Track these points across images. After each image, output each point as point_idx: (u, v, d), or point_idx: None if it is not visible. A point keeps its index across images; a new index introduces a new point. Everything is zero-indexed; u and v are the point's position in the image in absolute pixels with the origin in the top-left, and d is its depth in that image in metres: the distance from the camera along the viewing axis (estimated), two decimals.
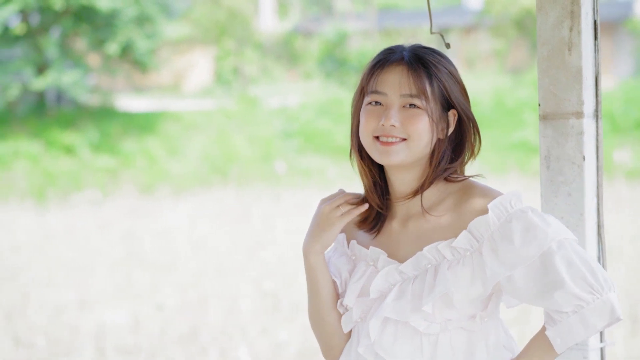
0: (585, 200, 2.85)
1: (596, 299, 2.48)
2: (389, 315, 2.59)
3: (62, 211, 19.44)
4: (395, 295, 2.61)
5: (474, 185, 2.66)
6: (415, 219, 2.68)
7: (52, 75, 24.70)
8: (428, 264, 2.59)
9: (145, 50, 26.12)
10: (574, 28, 2.83)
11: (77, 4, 24.74)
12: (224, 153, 24.37)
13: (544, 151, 2.88)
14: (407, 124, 2.60)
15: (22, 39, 25.43)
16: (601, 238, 2.87)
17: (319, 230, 2.70)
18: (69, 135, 24.36)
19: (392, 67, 2.64)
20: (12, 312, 10.94)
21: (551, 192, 2.89)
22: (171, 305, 11.15)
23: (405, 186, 2.69)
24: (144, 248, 14.84)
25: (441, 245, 2.58)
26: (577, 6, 2.81)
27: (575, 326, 2.49)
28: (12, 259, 14.23)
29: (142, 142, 24.69)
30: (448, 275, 2.55)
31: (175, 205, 19.69)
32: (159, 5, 26.44)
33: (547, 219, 2.54)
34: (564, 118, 2.85)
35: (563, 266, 2.49)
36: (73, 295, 11.78)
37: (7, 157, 23.08)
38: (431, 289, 2.56)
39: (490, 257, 2.52)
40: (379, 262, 2.68)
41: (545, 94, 2.89)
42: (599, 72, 2.88)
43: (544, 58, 2.89)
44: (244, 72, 33.96)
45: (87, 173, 22.88)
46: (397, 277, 2.64)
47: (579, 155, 2.84)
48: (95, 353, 9.39)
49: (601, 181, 2.87)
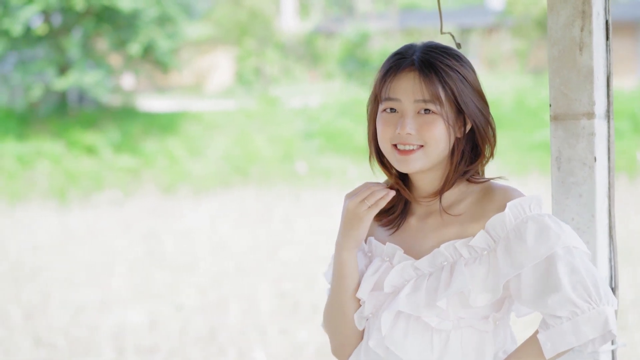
0: (597, 202, 2.83)
1: (592, 308, 2.46)
2: (402, 309, 2.59)
3: (83, 211, 19.51)
4: (410, 290, 2.61)
5: (495, 186, 2.65)
6: (434, 217, 2.69)
7: (74, 75, 24.79)
8: (444, 262, 2.59)
9: (166, 51, 26.18)
10: (585, 28, 2.81)
11: (99, 4, 24.82)
12: (244, 153, 24.39)
13: (555, 152, 2.86)
14: (423, 130, 2.60)
15: (44, 40, 25.53)
16: (612, 239, 2.85)
17: (349, 227, 2.68)
18: (91, 135, 24.44)
19: (403, 74, 2.63)
20: (32, 312, 10.98)
21: (562, 193, 2.87)
22: (190, 306, 11.16)
23: (427, 186, 2.70)
24: (164, 248, 14.87)
25: (458, 243, 2.58)
26: (589, 6, 2.79)
27: (567, 333, 2.48)
28: (33, 258, 14.28)
29: (163, 142, 24.74)
30: (465, 273, 2.55)
31: (196, 206, 19.73)
32: (180, 6, 26.49)
33: (563, 226, 2.54)
34: (575, 119, 2.83)
35: (565, 271, 2.47)
36: (93, 295, 11.81)
37: (30, 157, 23.17)
38: (447, 285, 2.56)
39: (503, 256, 2.52)
40: (395, 257, 2.68)
41: (556, 94, 2.87)
42: (610, 73, 2.85)
43: (555, 58, 2.86)
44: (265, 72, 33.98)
45: (108, 173, 22.95)
46: (412, 273, 2.64)
47: (590, 156, 2.81)
48: (114, 353, 9.41)
49: (613, 182, 2.85)
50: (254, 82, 33.10)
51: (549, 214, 2.55)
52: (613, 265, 2.86)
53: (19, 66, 25.36)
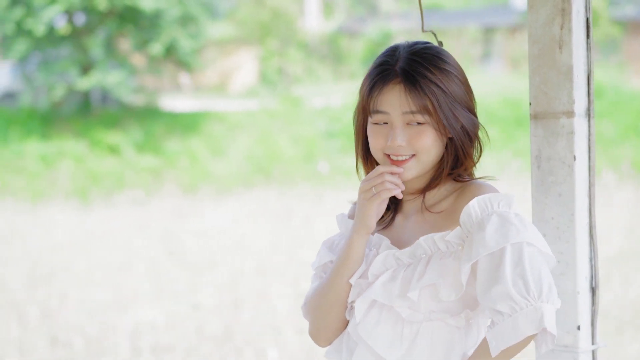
0: (576, 201, 2.81)
1: (529, 304, 2.44)
2: (376, 297, 2.60)
3: (105, 211, 19.58)
4: (386, 279, 2.62)
5: (474, 184, 2.67)
6: (418, 214, 2.71)
7: (96, 75, 24.89)
8: (423, 254, 2.60)
9: (189, 51, 26.23)
10: (565, 26, 2.80)
11: (122, 4, 24.90)
12: (267, 153, 24.40)
13: (534, 151, 2.85)
14: (413, 141, 2.62)
15: (67, 40, 25.64)
16: (593, 239, 2.83)
17: (360, 210, 2.68)
18: (113, 135, 24.52)
19: (389, 87, 2.63)
20: (49, 311, 11.03)
21: (542, 192, 2.86)
22: (208, 305, 11.18)
23: (416, 187, 2.73)
24: (183, 248, 14.90)
25: (437, 236, 2.59)
26: (568, 4, 2.78)
27: (508, 330, 2.46)
28: (53, 258, 14.34)
29: (185, 142, 24.78)
30: (438, 267, 2.55)
31: (218, 206, 19.76)
32: (203, 6, 26.53)
33: (527, 225, 2.54)
34: (554, 117, 2.81)
35: (511, 265, 2.47)
36: (111, 294, 11.86)
37: (52, 156, 23.27)
38: (420, 277, 2.56)
39: (466, 248, 2.54)
40: (381, 247, 2.69)
41: (536, 92, 2.85)
42: (591, 71, 2.83)
43: (535, 56, 2.85)
44: (288, 72, 33.99)
45: (130, 173, 23.01)
46: (393, 262, 2.64)
47: (570, 155, 2.79)
48: (130, 352, 9.44)
49: (593, 181, 2.82)
50: (277, 82, 33.11)
51: (517, 213, 2.55)
52: (594, 264, 2.84)
53: (42, 66, 25.48)
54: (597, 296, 2.83)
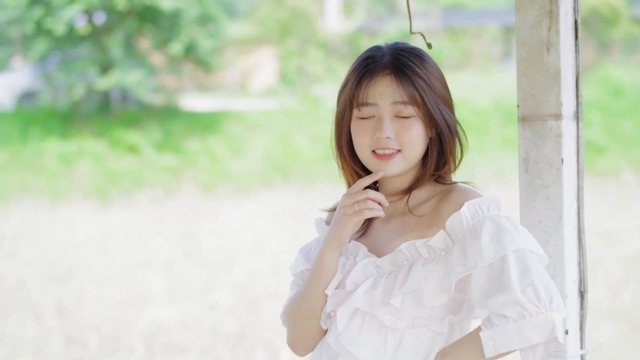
0: (564, 204, 2.78)
1: (540, 313, 2.42)
2: (358, 305, 2.57)
3: (123, 210, 19.65)
4: (368, 287, 2.58)
5: (456, 188, 2.64)
6: (398, 217, 2.67)
7: (116, 75, 24.94)
8: (404, 261, 2.57)
9: (208, 50, 26.24)
10: (553, 28, 2.77)
11: (141, 3, 24.94)
12: (286, 153, 24.41)
13: (522, 154, 2.82)
14: (401, 135, 2.60)
15: (86, 39, 25.72)
16: (581, 243, 2.80)
17: (336, 224, 2.65)
18: (133, 134, 24.58)
19: (379, 78, 2.63)
20: (66, 310, 11.07)
21: (529, 195, 2.83)
22: (224, 305, 11.19)
23: (397, 185, 2.69)
24: (201, 247, 14.93)
25: (419, 242, 2.56)
26: (556, 6, 2.75)
27: (511, 334, 2.44)
28: (71, 257, 14.40)
29: (205, 142, 24.81)
30: (421, 273, 2.52)
31: (237, 205, 19.80)
32: (222, 5, 26.55)
33: (520, 229, 2.51)
34: (542, 120, 2.79)
35: (517, 273, 2.44)
36: (127, 293, 11.89)
37: (72, 156, 23.35)
38: (402, 284, 2.53)
39: (458, 255, 2.50)
40: (359, 255, 2.65)
41: (523, 95, 2.83)
42: (579, 73, 2.80)
43: (523, 58, 2.82)
44: (308, 71, 33.95)
45: (150, 172, 23.06)
46: (373, 270, 2.61)
47: (558, 157, 2.77)
48: (145, 352, 9.47)
49: (582, 184, 2.80)
50: (296, 82, 33.08)
51: (508, 216, 2.53)
52: (582, 268, 2.81)
53: (62, 66, 25.57)
54: (585, 300, 2.80)
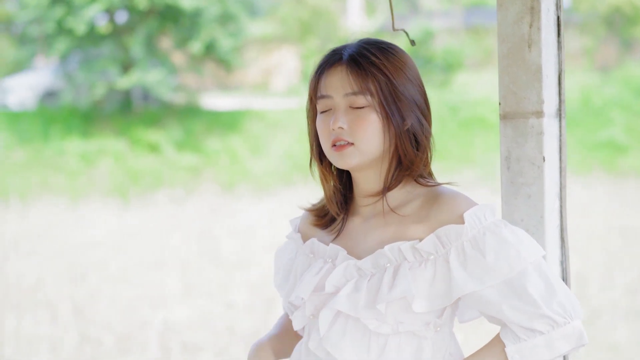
0: (546, 202, 2.74)
1: (567, 323, 2.43)
2: (340, 308, 2.51)
3: (143, 209, 19.68)
4: (350, 290, 2.53)
5: (443, 190, 2.57)
6: (379, 218, 2.61)
7: (137, 74, 24.99)
8: (387, 263, 2.51)
9: (229, 49, 26.25)
10: (534, 24, 2.73)
11: (162, 3, 24.98)
12: (306, 152, 24.19)
13: (504, 152, 2.78)
14: (354, 126, 2.55)
15: (108, 38, 25.77)
16: (564, 241, 2.77)
17: None
18: (154, 133, 24.61)
19: (332, 70, 2.60)
20: (82, 308, 11.10)
21: (511, 194, 2.79)
22: (241, 304, 11.19)
23: (371, 184, 2.63)
24: (220, 246, 14.93)
25: (404, 245, 2.49)
26: (537, 2, 2.71)
27: (540, 347, 2.43)
28: (90, 255, 14.44)
29: (226, 141, 24.82)
30: (409, 278, 2.46)
31: (257, 204, 19.79)
32: (243, 4, 26.56)
33: (520, 235, 2.47)
34: (523, 117, 2.75)
35: (538, 286, 2.43)
36: (144, 292, 11.91)
37: (93, 154, 23.41)
38: (389, 289, 2.47)
39: (458, 269, 2.44)
40: (338, 258, 2.60)
41: (505, 92, 2.79)
42: (562, 70, 2.76)
43: (504, 55, 2.79)
44: None
45: (170, 171, 23.10)
46: (354, 273, 2.55)
47: (539, 155, 2.73)
48: (160, 351, 9.48)
49: (564, 183, 2.76)
50: None
51: (505, 222, 2.49)
52: (565, 267, 2.78)
53: (83, 65, 25.64)
54: None
